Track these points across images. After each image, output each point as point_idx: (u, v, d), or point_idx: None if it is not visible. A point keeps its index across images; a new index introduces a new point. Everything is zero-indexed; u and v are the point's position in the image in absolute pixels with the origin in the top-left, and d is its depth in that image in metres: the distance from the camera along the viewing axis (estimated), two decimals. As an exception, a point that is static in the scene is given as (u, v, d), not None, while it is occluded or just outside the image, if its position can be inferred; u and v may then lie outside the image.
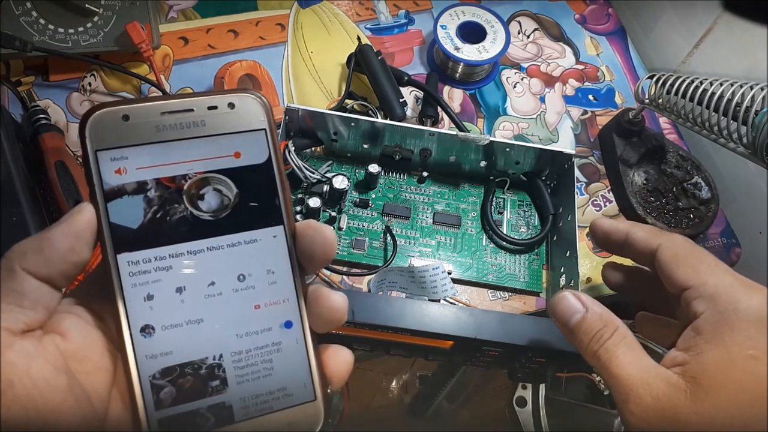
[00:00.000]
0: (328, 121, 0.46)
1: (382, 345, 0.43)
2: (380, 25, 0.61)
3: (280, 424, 0.23)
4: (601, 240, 0.38)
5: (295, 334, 0.24)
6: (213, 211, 0.23)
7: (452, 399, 0.62)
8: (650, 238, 0.34)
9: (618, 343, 0.30)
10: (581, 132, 0.57)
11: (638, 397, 0.28)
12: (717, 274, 0.30)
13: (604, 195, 0.54)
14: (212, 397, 0.23)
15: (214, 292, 0.23)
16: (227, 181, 0.23)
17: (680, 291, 0.31)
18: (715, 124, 0.41)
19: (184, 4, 0.59)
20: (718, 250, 0.52)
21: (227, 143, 0.23)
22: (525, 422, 0.57)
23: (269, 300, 0.24)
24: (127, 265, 0.22)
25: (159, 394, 0.22)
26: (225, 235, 0.23)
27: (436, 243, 0.49)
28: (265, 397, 0.23)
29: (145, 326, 0.22)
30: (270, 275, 0.24)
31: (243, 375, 0.23)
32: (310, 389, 0.24)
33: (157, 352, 0.22)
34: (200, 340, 0.23)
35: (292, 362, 0.24)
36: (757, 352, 0.27)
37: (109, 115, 0.22)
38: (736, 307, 0.28)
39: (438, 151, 0.48)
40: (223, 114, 0.23)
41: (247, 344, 0.23)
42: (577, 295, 0.32)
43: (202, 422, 0.22)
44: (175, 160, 0.23)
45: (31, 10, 0.50)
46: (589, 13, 0.65)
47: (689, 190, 0.52)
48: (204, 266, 0.23)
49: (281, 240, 0.24)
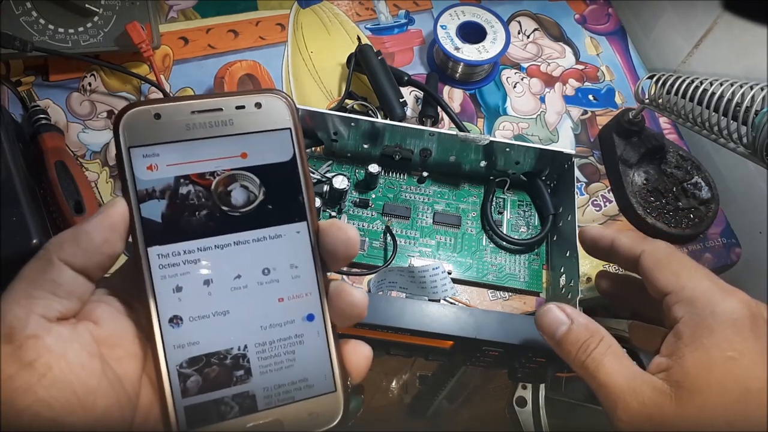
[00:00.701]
0: (328, 121, 0.46)
1: (382, 345, 0.43)
2: (380, 25, 0.61)
3: (300, 413, 0.24)
4: (589, 247, 0.39)
5: (317, 327, 0.25)
6: (240, 207, 0.24)
7: (452, 399, 0.62)
8: (634, 245, 0.35)
9: (604, 352, 0.31)
10: (581, 132, 0.57)
11: (626, 404, 0.29)
12: (696, 278, 0.31)
13: (604, 195, 0.54)
14: (236, 387, 0.24)
15: (240, 285, 0.24)
16: (253, 178, 0.24)
17: (662, 296, 0.32)
18: (715, 124, 0.41)
19: (184, 4, 0.59)
20: (718, 250, 0.52)
21: (254, 141, 0.24)
22: (525, 422, 0.57)
23: (292, 293, 0.25)
24: (157, 258, 0.23)
25: (186, 382, 0.23)
26: (251, 230, 0.24)
27: (436, 243, 0.49)
28: (287, 387, 0.24)
29: (174, 317, 0.23)
30: (293, 269, 0.25)
31: (266, 365, 0.24)
32: (330, 381, 0.25)
33: (185, 342, 0.23)
34: (226, 331, 0.24)
35: (314, 354, 0.25)
36: (735, 353, 0.28)
37: (142, 114, 0.23)
38: (713, 311, 0.29)
39: (438, 151, 0.48)
40: (250, 113, 0.24)
41: (270, 336, 0.24)
42: (562, 307, 0.33)
43: (227, 410, 0.23)
44: (204, 158, 0.24)
45: (31, 10, 0.50)
46: (589, 13, 0.65)
47: (689, 190, 0.52)
48: (230, 260, 0.24)
49: (305, 236, 0.25)
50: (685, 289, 0.31)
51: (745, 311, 0.29)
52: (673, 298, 0.31)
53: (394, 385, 0.61)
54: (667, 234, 0.51)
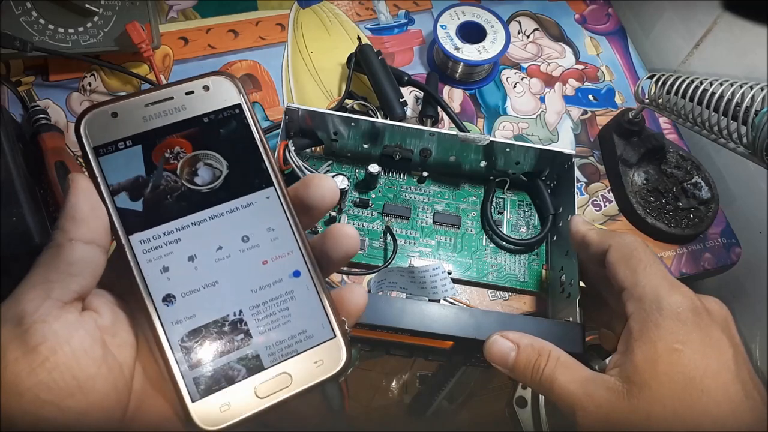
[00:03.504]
0: (328, 121, 0.46)
1: (382, 345, 0.43)
2: (380, 25, 0.61)
3: (306, 363, 0.25)
4: (572, 240, 0.40)
5: (305, 281, 0.26)
6: (208, 184, 0.25)
7: (452, 399, 0.61)
8: (603, 240, 0.36)
9: (554, 366, 0.32)
10: (581, 132, 0.57)
11: (583, 410, 0.30)
12: (648, 275, 0.32)
13: (604, 195, 0.54)
14: (240, 350, 0.25)
15: (223, 256, 0.25)
16: (215, 155, 0.26)
17: (620, 292, 0.33)
18: (715, 124, 0.41)
19: (184, 4, 0.59)
20: (718, 250, 0.52)
21: (209, 121, 0.26)
22: (525, 422, 0.57)
23: (275, 254, 0.26)
24: (140, 243, 0.25)
25: (190, 355, 0.24)
26: (223, 203, 0.26)
27: (436, 243, 0.49)
28: (289, 342, 0.25)
29: (167, 296, 0.24)
30: (271, 232, 0.26)
31: (264, 325, 0.25)
32: (328, 328, 0.26)
33: (182, 317, 0.24)
34: (219, 301, 0.25)
35: (307, 307, 0.26)
36: (679, 345, 0.29)
37: (100, 115, 0.25)
38: (659, 306, 0.31)
39: (438, 151, 0.48)
40: (200, 97, 0.26)
41: (262, 297, 0.25)
42: (505, 334, 0.35)
43: (235, 374, 0.24)
44: (168, 144, 0.25)
45: (31, 10, 0.50)
46: (589, 13, 0.65)
47: (689, 190, 0.52)
48: (209, 234, 0.25)
49: (275, 199, 0.26)
50: (637, 286, 0.32)
51: (688, 305, 0.30)
52: (626, 295, 0.33)
53: (394, 385, 0.61)
54: (667, 234, 0.51)
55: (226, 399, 0.24)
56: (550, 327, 0.38)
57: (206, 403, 0.24)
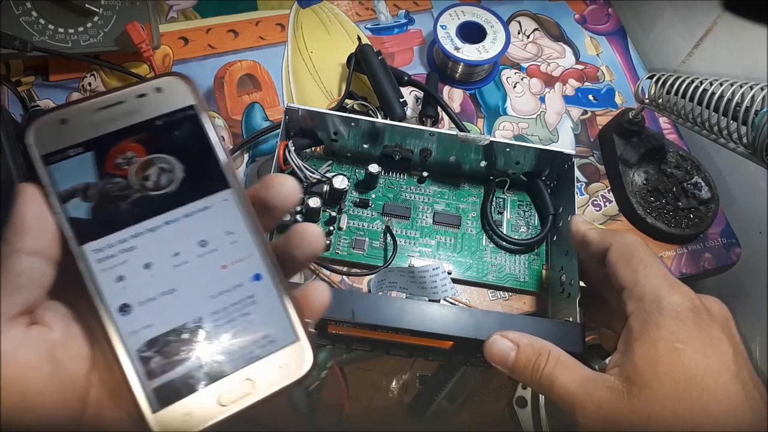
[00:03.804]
0: (328, 121, 0.46)
1: (382, 345, 0.43)
2: (380, 25, 0.61)
3: (270, 368, 0.25)
4: (572, 239, 0.40)
5: (266, 285, 0.25)
6: (162, 188, 0.25)
7: (452, 399, 0.62)
8: (603, 239, 0.36)
9: (554, 365, 0.32)
10: (581, 132, 0.57)
11: (583, 409, 0.30)
12: (648, 275, 0.32)
13: (604, 195, 0.54)
14: (200, 358, 0.24)
15: (180, 262, 0.25)
16: (169, 158, 0.25)
17: (621, 291, 0.33)
18: (715, 124, 0.41)
19: (184, 4, 0.59)
20: (718, 250, 0.52)
21: (162, 124, 0.25)
22: (525, 422, 0.57)
23: (234, 258, 0.25)
24: (93, 253, 0.24)
25: (149, 365, 0.23)
26: (178, 208, 0.25)
27: (436, 243, 0.49)
28: (251, 347, 0.25)
29: (123, 305, 0.24)
30: (229, 236, 0.25)
31: (225, 331, 0.25)
32: (292, 332, 0.25)
33: (139, 327, 0.24)
34: (177, 308, 0.24)
35: (269, 311, 0.25)
36: (679, 344, 0.29)
37: (48, 122, 0.24)
38: (659, 305, 0.31)
39: (438, 151, 0.48)
40: (153, 99, 0.25)
41: (222, 302, 0.25)
42: (505, 334, 0.35)
43: (196, 382, 0.24)
44: (119, 150, 0.24)
45: (31, 10, 0.50)
46: (589, 13, 0.65)
47: (689, 190, 0.52)
48: (165, 240, 0.24)
49: (232, 202, 0.25)
50: (638, 285, 0.32)
51: (688, 304, 0.30)
52: (626, 294, 0.33)
53: (394, 385, 0.61)
54: (667, 234, 0.51)
55: (187, 408, 0.23)
56: (550, 327, 0.38)
57: (167, 414, 0.23)
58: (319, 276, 0.47)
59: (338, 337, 0.42)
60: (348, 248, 0.47)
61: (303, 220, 0.47)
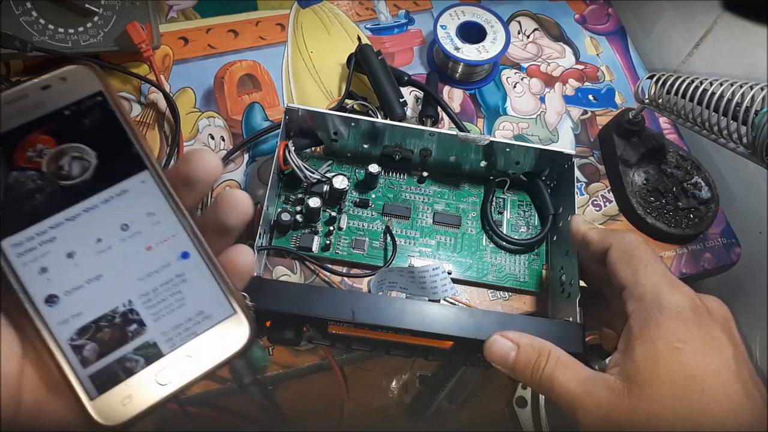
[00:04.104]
0: (328, 121, 0.46)
1: (382, 345, 0.43)
2: (380, 25, 0.61)
3: (208, 343, 0.25)
4: (572, 239, 0.40)
5: (195, 262, 0.25)
6: (77, 177, 0.25)
7: (452, 399, 0.62)
8: (604, 239, 0.36)
9: (554, 365, 0.32)
10: (581, 132, 0.57)
11: (584, 409, 0.30)
12: (648, 274, 0.32)
13: (604, 195, 0.54)
14: (135, 341, 0.24)
15: (104, 248, 0.25)
16: (81, 146, 0.25)
17: (621, 291, 0.33)
18: (715, 124, 0.41)
19: (184, 4, 0.59)
20: (718, 250, 0.52)
21: (71, 113, 0.25)
22: (525, 422, 0.57)
23: (158, 239, 0.25)
24: (12, 248, 0.24)
25: (82, 353, 0.24)
26: (96, 194, 0.25)
27: (436, 243, 0.49)
28: (186, 325, 0.25)
29: (49, 296, 0.24)
30: (151, 217, 0.25)
31: (157, 312, 0.25)
32: (227, 305, 0.25)
33: (68, 316, 0.24)
34: (105, 294, 0.24)
35: (201, 287, 0.25)
36: (680, 344, 0.29)
37: None
38: (660, 305, 0.31)
39: (438, 151, 0.48)
40: (58, 89, 0.25)
41: (151, 284, 0.25)
42: (505, 334, 0.35)
43: (133, 365, 0.24)
44: (28, 143, 0.24)
45: (31, 10, 0.50)
46: (589, 13, 0.65)
47: (689, 190, 0.52)
48: (86, 227, 0.24)
49: (151, 183, 0.25)
50: (638, 285, 0.32)
51: (689, 304, 0.30)
52: (627, 293, 0.33)
53: (394, 385, 0.61)
54: (667, 234, 0.51)
55: (126, 392, 0.24)
56: (550, 327, 0.38)
57: (106, 399, 0.23)
58: (320, 276, 0.47)
59: (338, 337, 0.42)
60: (348, 248, 0.47)
61: (303, 220, 0.47)
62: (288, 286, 0.40)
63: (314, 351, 0.46)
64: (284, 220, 0.45)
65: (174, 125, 0.52)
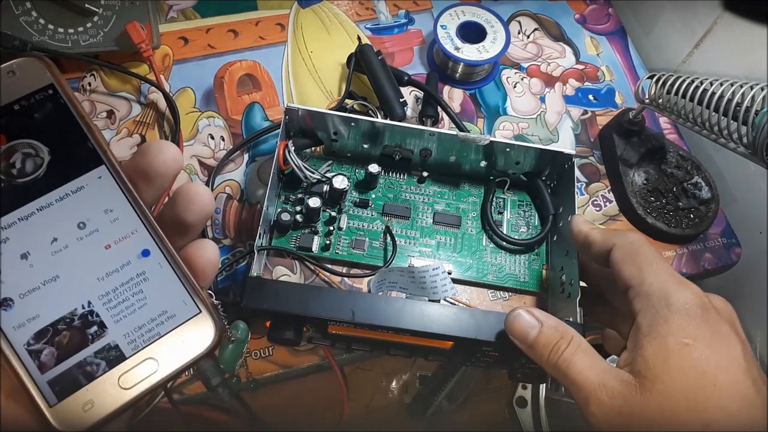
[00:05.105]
0: (328, 121, 0.46)
1: (382, 345, 0.43)
2: (380, 25, 0.61)
3: (173, 344, 0.24)
4: (574, 240, 0.40)
5: (156, 260, 0.25)
6: (29, 174, 0.24)
7: (452, 399, 0.61)
8: (606, 239, 0.36)
9: (574, 351, 0.32)
10: (581, 132, 0.57)
11: (597, 399, 0.30)
12: (654, 272, 0.32)
13: (604, 195, 0.54)
14: (95, 343, 0.23)
15: (60, 247, 0.24)
16: (33, 142, 0.24)
17: (626, 289, 0.33)
18: (715, 124, 0.41)
19: (184, 4, 0.59)
20: (718, 250, 0.52)
21: (20, 108, 0.24)
22: (525, 422, 0.57)
23: (117, 237, 0.24)
24: None
25: (40, 358, 0.23)
26: (50, 192, 0.24)
27: (436, 243, 0.49)
28: (149, 326, 0.24)
29: (2, 300, 0.23)
30: (109, 214, 0.24)
31: (118, 313, 0.24)
32: (191, 304, 0.25)
33: (23, 320, 0.23)
34: (63, 295, 0.23)
35: (163, 286, 0.24)
36: (689, 340, 0.29)
37: None
38: (668, 302, 0.31)
39: (438, 151, 0.48)
40: (7, 83, 0.24)
41: (111, 284, 0.24)
42: (531, 311, 0.35)
43: (94, 369, 0.23)
44: None
45: (31, 10, 0.50)
46: (589, 13, 0.65)
47: (689, 190, 0.52)
48: (40, 227, 0.24)
49: (108, 178, 0.24)
50: (644, 283, 0.32)
51: (696, 301, 0.31)
52: (633, 292, 0.33)
53: (394, 385, 0.61)
54: (667, 234, 0.51)
55: (88, 397, 0.23)
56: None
57: (66, 405, 0.22)
58: (320, 276, 0.47)
59: (338, 337, 0.42)
60: (348, 248, 0.47)
61: (303, 220, 0.47)
62: (288, 286, 0.40)
63: (314, 351, 0.46)
64: (284, 220, 0.45)
65: (174, 125, 0.52)
